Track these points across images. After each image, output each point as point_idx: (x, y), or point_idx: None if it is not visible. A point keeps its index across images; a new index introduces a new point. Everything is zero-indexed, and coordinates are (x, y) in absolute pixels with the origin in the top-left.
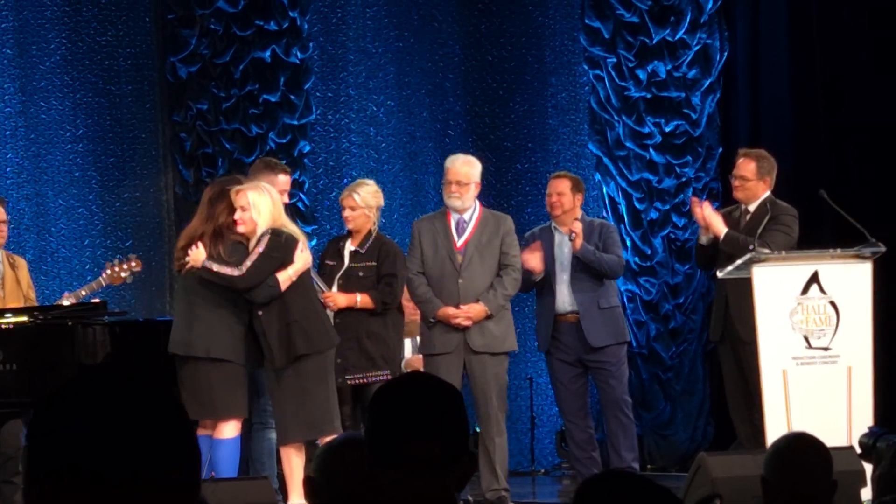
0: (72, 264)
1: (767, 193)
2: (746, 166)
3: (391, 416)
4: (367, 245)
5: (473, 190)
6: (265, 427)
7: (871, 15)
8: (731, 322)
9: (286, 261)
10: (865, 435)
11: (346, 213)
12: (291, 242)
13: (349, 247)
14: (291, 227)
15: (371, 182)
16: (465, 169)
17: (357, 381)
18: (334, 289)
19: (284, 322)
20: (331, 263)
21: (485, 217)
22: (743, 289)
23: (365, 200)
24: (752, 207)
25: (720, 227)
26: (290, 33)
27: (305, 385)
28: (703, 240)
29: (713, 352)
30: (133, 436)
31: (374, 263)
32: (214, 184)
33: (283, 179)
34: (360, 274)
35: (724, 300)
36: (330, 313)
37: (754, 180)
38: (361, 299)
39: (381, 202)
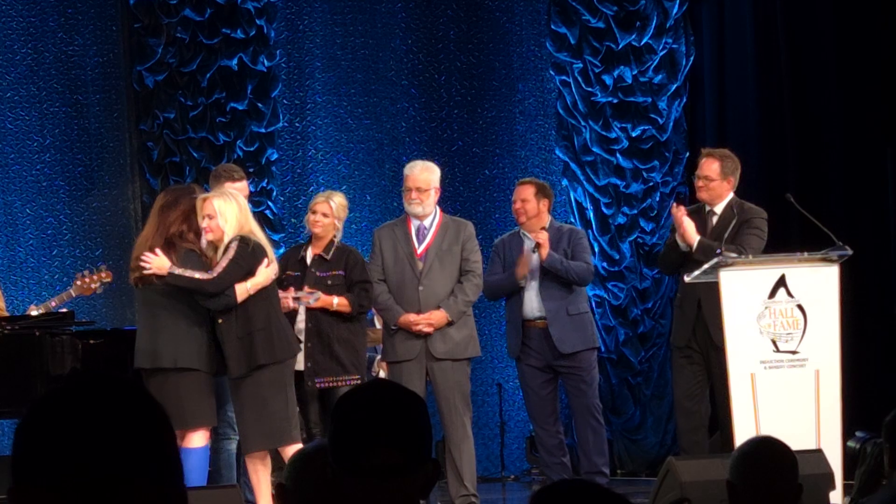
0: (40, 274)
1: (732, 194)
2: (710, 166)
3: (353, 424)
4: (332, 253)
5: (433, 196)
6: (224, 437)
7: (837, 17)
8: (705, 327)
9: (251, 270)
10: (854, 440)
11: (317, 217)
12: (259, 252)
13: (311, 254)
14: (259, 235)
15: (342, 195)
16: (425, 175)
17: (326, 385)
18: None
19: (247, 331)
20: (294, 274)
21: (445, 223)
22: (717, 293)
23: (337, 211)
24: (718, 209)
25: (693, 236)
26: (257, 41)
27: (264, 394)
28: (683, 245)
29: None
30: (122, 440)
31: (341, 272)
32: (168, 192)
33: (229, 186)
34: (329, 282)
35: (697, 304)
36: (301, 314)
37: (718, 180)
38: (339, 301)
39: (345, 216)
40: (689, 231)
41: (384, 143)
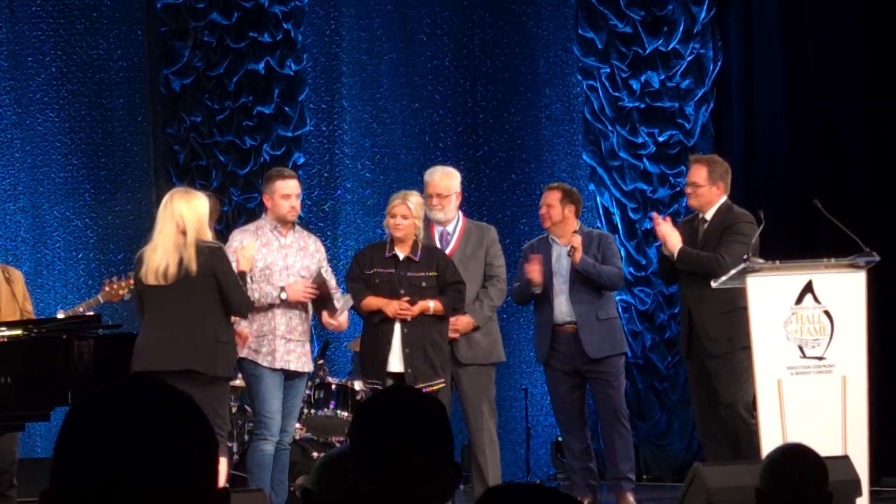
0: (67, 276)
1: (723, 199)
2: (697, 172)
3: (375, 431)
4: (419, 254)
5: (454, 201)
6: (260, 438)
7: (863, 23)
8: (697, 337)
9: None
10: None
11: (398, 220)
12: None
13: (400, 255)
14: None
15: (417, 193)
16: (445, 181)
17: (427, 390)
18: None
19: None
20: (384, 271)
21: (468, 228)
22: (706, 302)
23: (416, 210)
24: (708, 216)
25: (675, 244)
26: (284, 45)
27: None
28: (668, 254)
29: None
30: (158, 446)
31: (433, 273)
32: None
33: (280, 185)
34: (423, 284)
35: (688, 314)
36: (397, 329)
37: (706, 186)
38: (434, 305)
39: (423, 214)
40: (671, 240)
41: (411, 148)
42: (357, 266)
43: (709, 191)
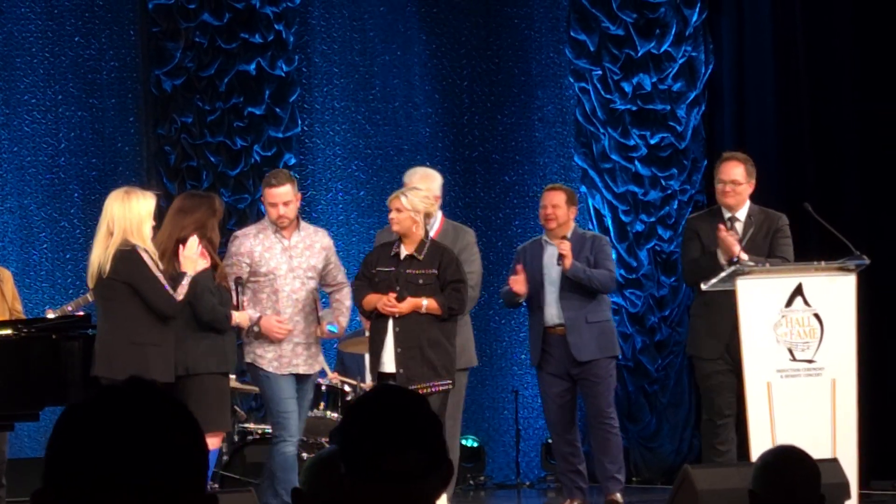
0: (54, 277)
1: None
2: (735, 169)
3: (367, 431)
4: (425, 252)
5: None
6: (280, 440)
7: (856, 26)
8: (739, 338)
9: None
10: None
11: (392, 214)
12: None
13: (404, 252)
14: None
15: (423, 187)
16: (423, 184)
17: (421, 392)
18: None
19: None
20: (386, 269)
21: (445, 230)
22: None
23: (412, 204)
24: (741, 215)
25: (735, 249)
26: (276, 46)
27: None
28: (724, 259)
29: None
30: (152, 450)
31: (434, 271)
32: (186, 197)
33: (268, 192)
34: (420, 281)
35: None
36: (391, 328)
37: (744, 183)
38: (428, 303)
39: (433, 210)
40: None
41: (403, 150)
42: (364, 266)
43: (745, 188)
